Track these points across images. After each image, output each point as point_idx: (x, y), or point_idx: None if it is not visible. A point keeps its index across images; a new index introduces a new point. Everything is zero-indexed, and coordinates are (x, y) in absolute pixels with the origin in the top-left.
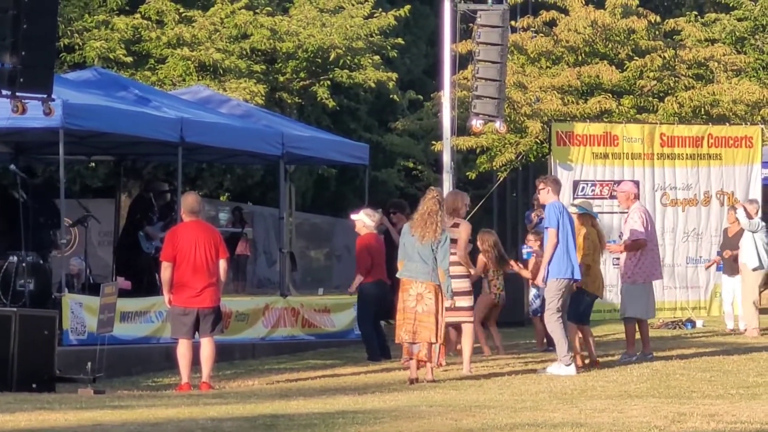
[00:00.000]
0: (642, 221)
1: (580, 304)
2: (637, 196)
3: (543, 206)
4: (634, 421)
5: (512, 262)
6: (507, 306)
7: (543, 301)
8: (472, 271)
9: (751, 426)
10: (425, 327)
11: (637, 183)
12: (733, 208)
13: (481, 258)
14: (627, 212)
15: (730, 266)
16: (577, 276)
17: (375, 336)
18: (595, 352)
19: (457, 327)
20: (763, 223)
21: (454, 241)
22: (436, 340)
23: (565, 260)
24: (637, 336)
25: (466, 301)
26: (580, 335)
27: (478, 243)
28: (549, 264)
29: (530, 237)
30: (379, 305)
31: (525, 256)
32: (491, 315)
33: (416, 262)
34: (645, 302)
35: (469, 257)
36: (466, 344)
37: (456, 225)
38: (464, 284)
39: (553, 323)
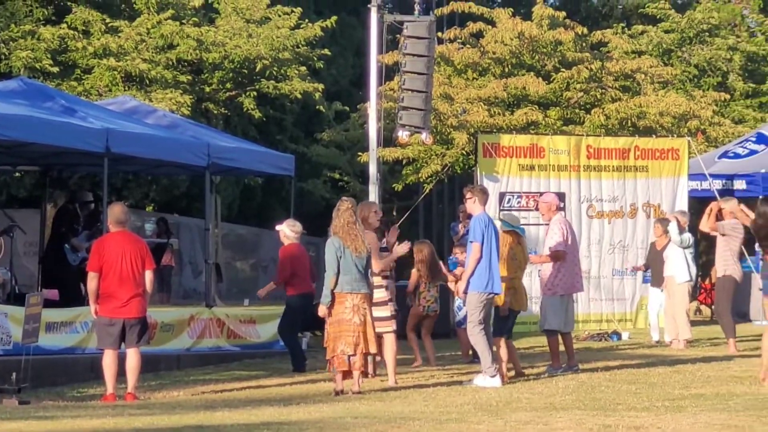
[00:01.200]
0: (562, 233)
1: (508, 320)
2: (559, 208)
3: (470, 217)
4: None
5: (450, 275)
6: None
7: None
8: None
9: None
10: (364, 338)
11: (562, 195)
12: (659, 222)
13: (415, 271)
14: (548, 224)
15: (658, 278)
16: (497, 290)
17: (300, 346)
18: (519, 364)
19: (379, 337)
20: (692, 237)
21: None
22: (374, 350)
23: (487, 274)
24: (562, 348)
25: (384, 311)
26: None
27: (414, 254)
28: (470, 277)
29: (456, 249)
30: (302, 317)
31: (451, 267)
32: (424, 326)
33: (354, 275)
34: (564, 314)
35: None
36: (389, 355)
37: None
38: (382, 294)
39: (475, 335)
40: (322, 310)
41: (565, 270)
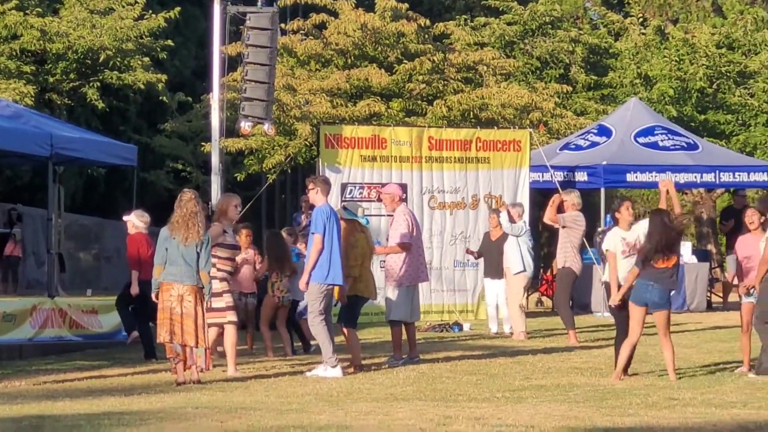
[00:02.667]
0: (407, 224)
1: (354, 308)
2: (402, 199)
3: (312, 208)
4: (399, 423)
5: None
6: None
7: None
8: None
9: (516, 429)
10: (185, 330)
11: (404, 186)
12: (495, 212)
13: (265, 260)
14: (393, 215)
15: (492, 270)
16: (339, 281)
17: (150, 333)
18: (359, 355)
19: (220, 327)
20: (527, 227)
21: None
22: (197, 344)
23: (327, 265)
24: (404, 339)
25: (222, 302)
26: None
27: (265, 244)
28: (312, 268)
29: (298, 240)
30: (143, 304)
31: (294, 259)
32: (279, 316)
33: (180, 266)
34: (409, 305)
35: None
36: (228, 345)
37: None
38: (217, 286)
39: (316, 326)
40: (154, 298)
41: (410, 261)
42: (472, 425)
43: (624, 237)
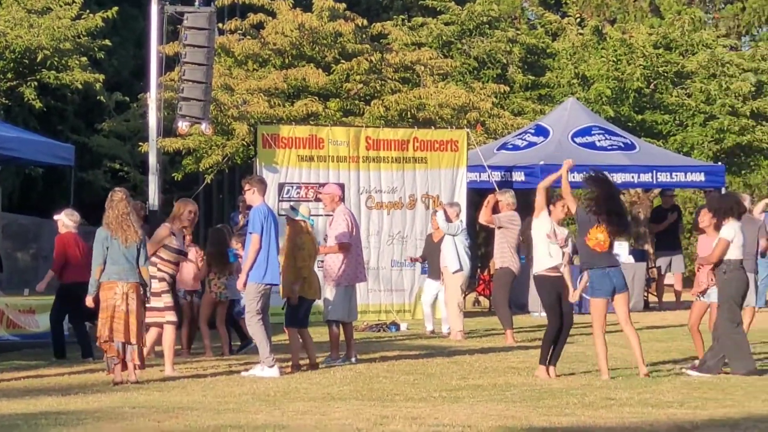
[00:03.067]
0: (347, 224)
1: (298, 309)
2: (341, 199)
3: (249, 208)
4: (336, 423)
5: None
6: None
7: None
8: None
9: (452, 429)
10: (128, 328)
11: (341, 186)
12: (435, 213)
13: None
14: (332, 215)
15: (435, 270)
16: (275, 281)
17: (62, 334)
18: (314, 355)
19: (160, 327)
20: (464, 226)
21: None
22: (138, 342)
23: (264, 265)
24: (342, 339)
25: (161, 302)
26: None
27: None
28: (250, 269)
29: (234, 240)
30: (76, 305)
31: (231, 259)
32: (218, 314)
33: (122, 265)
34: (348, 305)
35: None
36: (166, 345)
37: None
38: (156, 285)
39: (253, 326)
40: (88, 301)
41: (348, 261)
42: (409, 425)
43: (554, 228)
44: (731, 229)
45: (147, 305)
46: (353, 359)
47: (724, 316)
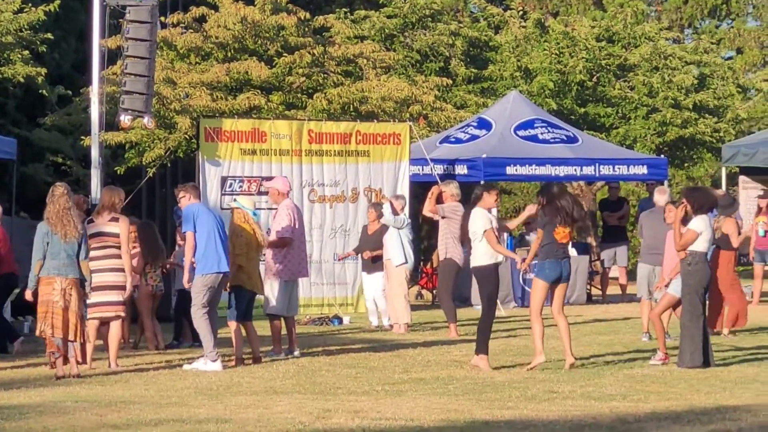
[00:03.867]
0: (290, 218)
1: (240, 302)
2: (287, 193)
3: None
4: (279, 417)
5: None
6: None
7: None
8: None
9: (395, 422)
10: (66, 323)
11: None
12: (373, 206)
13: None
14: (276, 208)
15: (368, 264)
16: (224, 269)
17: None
18: (258, 348)
19: (105, 322)
20: (408, 220)
21: (116, 235)
22: (75, 337)
23: (210, 257)
24: (284, 332)
25: (115, 296)
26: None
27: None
28: (192, 265)
29: (179, 237)
30: (5, 298)
31: (179, 258)
32: (153, 307)
33: (62, 259)
34: (287, 299)
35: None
36: (111, 339)
37: (115, 219)
38: (119, 278)
39: (198, 319)
40: (28, 295)
41: (291, 255)
42: (352, 418)
43: (489, 217)
44: (702, 221)
45: (90, 301)
46: (296, 353)
47: (686, 308)
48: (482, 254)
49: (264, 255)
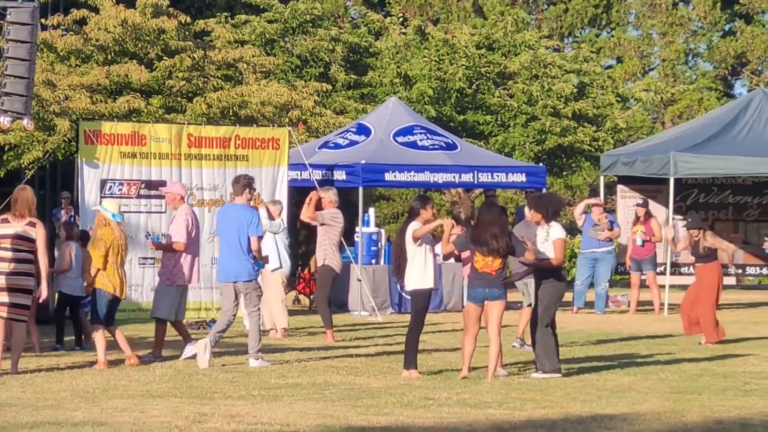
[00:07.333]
0: (187, 224)
1: (100, 306)
2: (184, 198)
3: (72, 203)
4: (155, 420)
5: None
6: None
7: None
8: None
9: (271, 427)
10: None
11: (163, 183)
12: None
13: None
14: (172, 212)
15: None
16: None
17: None
18: (129, 348)
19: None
20: (285, 225)
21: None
22: None
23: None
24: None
25: (25, 300)
26: (109, 335)
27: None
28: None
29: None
30: None
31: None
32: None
33: None
34: (177, 304)
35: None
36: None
37: (32, 224)
38: (28, 282)
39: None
40: None
41: (184, 261)
42: (228, 423)
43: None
44: (561, 229)
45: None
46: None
47: (540, 316)
48: (416, 279)
49: (146, 259)
